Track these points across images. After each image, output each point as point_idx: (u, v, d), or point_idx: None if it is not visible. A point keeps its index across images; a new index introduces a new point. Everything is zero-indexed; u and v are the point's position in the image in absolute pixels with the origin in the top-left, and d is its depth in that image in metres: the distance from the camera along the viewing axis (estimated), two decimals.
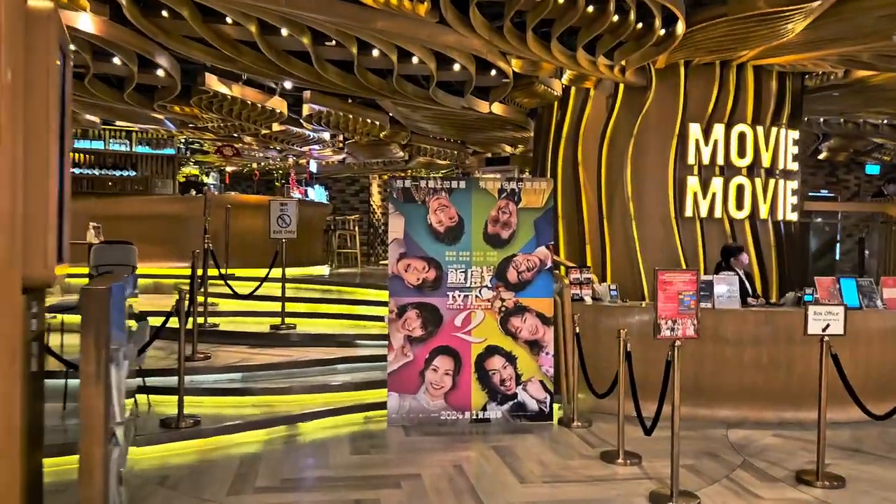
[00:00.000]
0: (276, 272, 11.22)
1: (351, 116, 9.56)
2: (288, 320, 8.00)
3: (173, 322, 5.44)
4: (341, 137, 12.47)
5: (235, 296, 7.91)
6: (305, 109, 9.13)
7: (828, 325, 4.48)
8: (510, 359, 6.02)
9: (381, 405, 5.99)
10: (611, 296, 6.76)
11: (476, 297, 6.00)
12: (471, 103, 8.78)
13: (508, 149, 13.09)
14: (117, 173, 12.05)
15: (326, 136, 11.96)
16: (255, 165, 17.23)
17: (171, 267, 10.37)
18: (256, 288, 7.96)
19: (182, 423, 5.13)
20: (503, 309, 6.03)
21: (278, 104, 9.19)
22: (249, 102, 8.67)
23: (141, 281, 10.20)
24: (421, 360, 5.95)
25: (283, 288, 7.89)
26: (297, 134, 11.29)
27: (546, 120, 9.33)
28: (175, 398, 5.38)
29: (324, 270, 13.18)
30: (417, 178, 6.08)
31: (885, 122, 12.11)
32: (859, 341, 6.17)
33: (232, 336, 7.55)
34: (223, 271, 10.60)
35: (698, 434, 5.71)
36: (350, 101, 9.41)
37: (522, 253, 6.06)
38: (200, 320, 7.79)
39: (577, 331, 6.04)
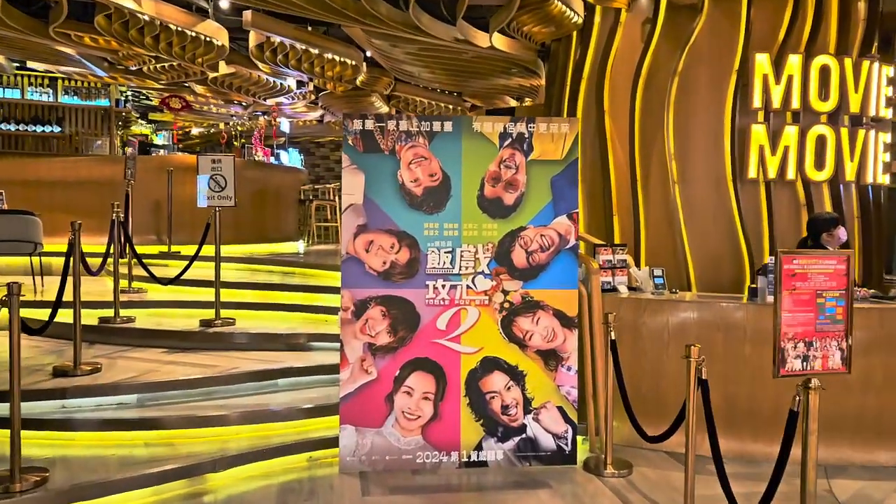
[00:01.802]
0: (234, 249, 9.66)
1: (315, 52, 7.79)
2: (227, 313, 6.36)
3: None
4: (312, 86, 10.69)
5: (153, 279, 6.23)
6: (252, 38, 7.36)
7: None
8: (516, 376, 4.35)
9: (335, 441, 4.33)
10: (655, 284, 5.07)
11: (468, 288, 4.33)
12: (466, 33, 7.02)
13: (514, 102, 11.31)
14: (38, 129, 10.26)
15: (292, 83, 10.18)
16: (222, 126, 15.48)
17: (102, 243, 8.71)
18: (183, 271, 6.27)
19: (16, 484, 3.46)
20: (506, 305, 4.35)
21: (215, 32, 7.41)
22: (174, 28, 6.89)
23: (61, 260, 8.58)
24: (388, 379, 4.28)
25: (217, 271, 6.21)
26: (254, 79, 9.52)
27: (562, 57, 7.56)
28: (43, 435, 3.92)
29: (297, 247, 11.57)
30: (383, 117, 4.34)
31: None
32: None
33: (148, 336, 5.90)
34: (169, 248, 9.04)
35: (787, 487, 4.03)
36: (309, 28, 7.64)
37: (534, 225, 4.37)
38: (109, 313, 6.16)
39: (613, 336, 4.34)
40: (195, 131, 16.66)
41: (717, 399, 4.28)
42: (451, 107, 11.78)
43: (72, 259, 4.77)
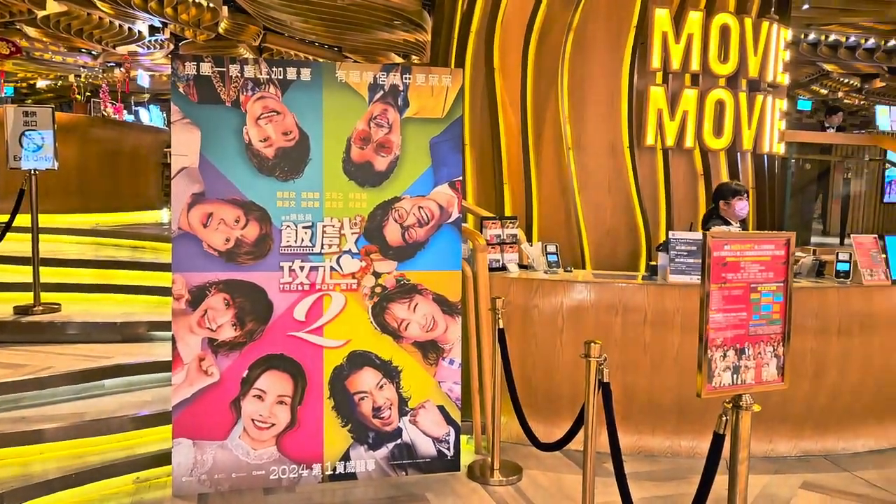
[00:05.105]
0: (80, 219, 8.56)
1: None
2: (53, 297, 5.41)
3: None
4: (168, 34, 9.53)
5: None
6: None
7: None
8: (390, 373, 3.77)
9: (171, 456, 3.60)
10: (548, 262, 4.59)
11: (332, 270, 3.67)
12: None
13: (399, 59, 10.59)
14: None
15: (143, 28, 9.00)
16: (72, 78, 13.85)
17: None
18: None
19: None
20: (378, 290, 3.73)
21: None
22: None
23: None
24: (234, 382, 3.58)
25: (35, 246, 5.22)
26: (95, 22, 8.30)
27: (449, 8, 6.91)
28: None
29: (160, 216, 10.48)
30: (223, 60, 3.57)
31: (853, 38, 10.50)
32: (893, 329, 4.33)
33: None
34: None
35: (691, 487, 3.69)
36: None
37: (411, 195, 3.76)
38: None
39: (501, 324, 3.83)
40: (42, 84, 14.87)
41: (614, 390, 3.87)
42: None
43: None
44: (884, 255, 4.36)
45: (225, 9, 7.78)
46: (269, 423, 3.64)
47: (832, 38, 10.84)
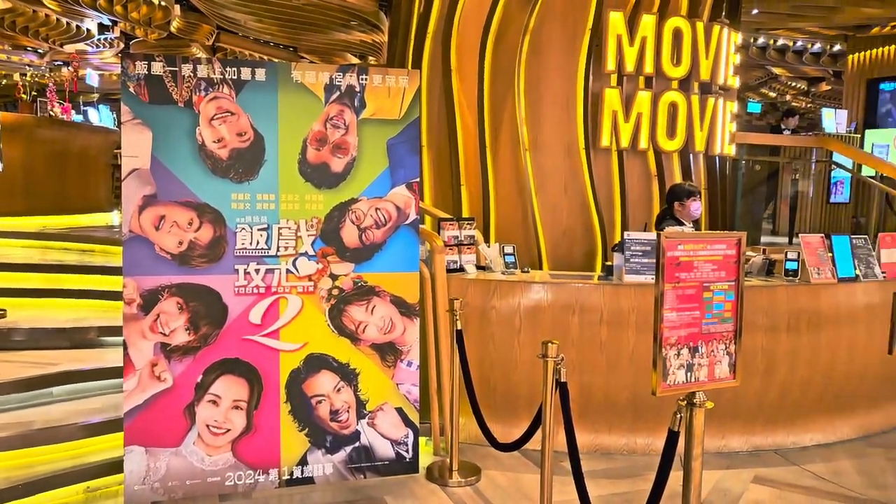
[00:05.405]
0: (25, 222, 8.34)
1: None
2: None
3: None
4: (119, 33, 9.31)
5: None
6: None
7: None
8: (347, 375, 3.74)
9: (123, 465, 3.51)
10: (506, 263, 4.62)
11: (288, 272, 3.63)
12: None
13: (356, 61, 10.53)
14: None
15: (93, 26, 8.78)
16: (17, 77, 13.44)
17: None
18: None
19: None
20: (335, 293, 3.70)
21: None
22: None
23: None
24: (188, 387, 3.51)
25: None
26: (42, 20, 8.06)
27: (405, 9, 6.90)
28: None
29: (111, 218, 10.23)
30: (175, 59, 3.50)
31: (799, 43, 10.80)
32: (841, 324, 4.47)
33: None
34: None
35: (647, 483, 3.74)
36: None
37: (368, 197, 3.74)
38: None
39: (459, 325, 3.83)
40: None
41: (571, 389, 3.90)
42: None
43: None
44: (830, 254, 4.50)
45: (177, 7, 7.64)
46: (224, 429, 3.58)
47: (780, 42, 11.14)
